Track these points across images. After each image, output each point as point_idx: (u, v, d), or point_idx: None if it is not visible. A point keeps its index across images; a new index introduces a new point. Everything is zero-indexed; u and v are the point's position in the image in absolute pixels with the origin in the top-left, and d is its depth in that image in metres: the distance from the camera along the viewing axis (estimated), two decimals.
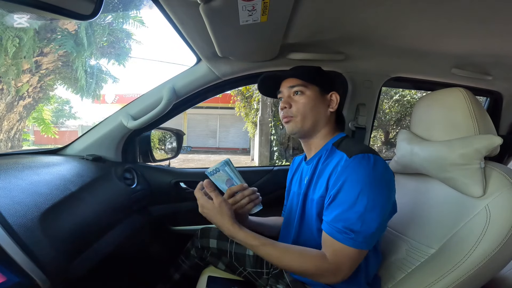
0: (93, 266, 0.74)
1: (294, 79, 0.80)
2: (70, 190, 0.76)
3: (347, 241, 0.62)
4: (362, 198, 0.61)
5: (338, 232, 0.62)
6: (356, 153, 0.66)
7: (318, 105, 0.79)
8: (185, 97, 1.13)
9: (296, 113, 0.78)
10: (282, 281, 0.85)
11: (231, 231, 0.69)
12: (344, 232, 0.62)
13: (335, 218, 0.64)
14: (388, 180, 0.67)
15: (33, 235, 0.57)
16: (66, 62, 6.43)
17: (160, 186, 1.24)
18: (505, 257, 0.65)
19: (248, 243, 0.68)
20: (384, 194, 0.64)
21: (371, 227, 0.61)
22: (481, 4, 0.69)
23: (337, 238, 0.62)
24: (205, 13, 0.66)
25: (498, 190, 0.66)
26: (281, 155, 6.29)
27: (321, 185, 0.72)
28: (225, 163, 0.76)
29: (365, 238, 0.61)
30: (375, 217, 0.61)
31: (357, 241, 0.61)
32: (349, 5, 0.74)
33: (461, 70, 1.15)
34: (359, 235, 0.61)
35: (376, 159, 0.66)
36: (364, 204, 0.61)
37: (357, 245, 0.61)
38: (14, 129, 6.35)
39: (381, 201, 0.63)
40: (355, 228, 0.61)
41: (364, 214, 0.61)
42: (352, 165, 0.65)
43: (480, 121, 0.73)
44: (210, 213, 0.72)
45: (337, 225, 0.63)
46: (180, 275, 1.06)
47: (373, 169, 0.64)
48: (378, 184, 0.64)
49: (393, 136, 7.12)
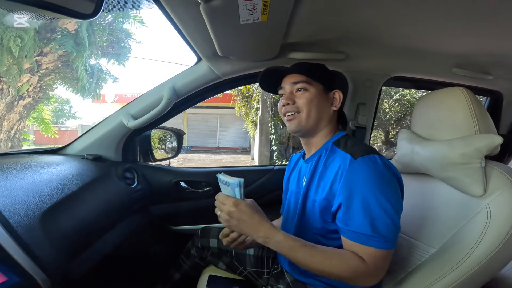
0: (93, 266, 0.74)
1: (298, 75, 0.77)
2: (70, 189, 0.76)
3: (379, 244, 0.61)
4: (379, 200, 0.62)
5: (367, 238, 0.62)
6: (361, 154, 0.66)
7: (321, 103, 0.77)
8: (185, 97, 1.13)
9: (301, 108, 0.75)
10: (282, 280, 0.85)
11: (269, 233, 0.62)
12: (373, 236, 0.61)
13: (361, 226, 0.62)
14: (398, 178, 0.68)
15: (34, 235, 0.57)
16: (66, 61, 6.43)
17: (160, 186, 1.24)
18: (505, 256, 0.65)
19: (286, 245, 0.62)
20: (396, 192, 0.65)
21: (392, 226, 0.62)
22: (482, 4, 0.69)
23: (369, 244, 0.62)
24: (206, 12, 0.66)
25: (498, 189, 0.66)
26: (281, 155, 6.29)
27: (324, 186, 0.71)
28: (239, 183, 0.65)
29: (389, 237, 0.62)
30: (394, 216, 0.62)
31: (385, 242, 0.61)
32: (349, 4, 0.73)
33: (461, 70, 1.15)
34: (383, 236, 0.61)
35: (382, 159, 0.66)
36: (384, 206, 0.61)
37: (386, 246, 0.62)
38: (14, 128, 6.35)
39: (396, 199, 0.64)
40: (380, 230, 0.61)
41: (384, 216, 0.61)
42: (361, 168, 0.65)
43: (481, 120, 0.73)
44: (246, 212, 0.63)
45: (367, 232, 0.62)
46: (180, 275, 1.06)
47: (383, 170, 0.64)
48: (389, 184, 0.64)
49: (393, 135, 7.13)
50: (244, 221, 0.63)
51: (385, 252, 0.62)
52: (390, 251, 0.63)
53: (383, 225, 0.61)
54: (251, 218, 0.63)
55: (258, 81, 0.87)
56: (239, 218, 0.63)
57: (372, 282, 0.64)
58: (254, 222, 0.63)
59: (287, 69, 0.81)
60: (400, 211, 0.65)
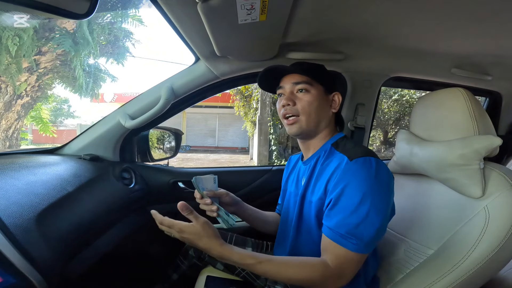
0: (90, 267, 0.74)
1: (299, 75, 0.76)
2: (67, 190, 0.75)
3: (350, 246, 0.61)
4: (365, 203, 0.61)
5: (341, 237, 0.62)
6: (357, 156, 0.65)
7: (322, 105, 0.76)
8: (184, 96, 1.12)
9: (301, 112, 0.74)
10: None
11: (222, 253, 0.64)
12: (348, 237, 0.61)
13: (337, 223, 0.63)
14: (389, 184, 0.66)
15: (30, 236, 0.57)
16: (65, 61, 6.41)
17: (158, 186, 1.24)
18: (504, 257, 0.65)
19: (243, 263, 0.64)
20: (385, 198, 0.64)
21: (373, 232, 0.61)
22: (481, 4, 0.68)
23: (340, 243, 0.62)
24: (203, 12, 0.65)
25: (497, 191, 0.66)
26: (280, 155, 6.29)
27: (319, 187, 0.71)
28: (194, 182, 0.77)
29: (367, 242, 0.61)
30: (376, 222, 0.61)
31: (360, 246, 0.61)
32: (348, 4, 0.73)
33: (460, 70, 1.15)
34: (361, 240, 0.61)
35: (378, 163, 0.65)
36: (367, 209, 0.61)
37: (360, 249, 0.61)
38: (12, 128, 6.33)
39: (383, 205, 0.63)
40: (358, 233, 0.61)
41: (367, 219, 0.61)
42: (354, 169, 0.64)
43: (480, 121, 0.72)
44: (192, 237, 0.65)
45: (340, 231, 0.62)
46: (178, 275, 1.05)
47: (376, 173, 0.63)
48: (380, 189, 0.63)
49: (391, 135, 7.13)
50: (195, 243, 0.65)
51: (356, 255, 0.62)
52: (363, 255, 0.63)
53: (362, 228, 0.61)
54: (199, 241, 0.65)
55: (257, 80, 0.85)
56: (188, 239, 0.66)
57: (338, 285, 0.64)
58: (203, 244, 0.65)
59: (287, 68, 0.78)
60: (386, 215, 0.64)
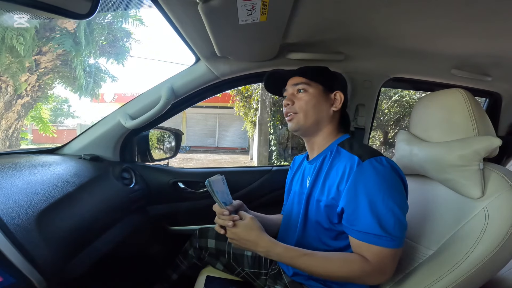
0: (90, 266, 0.74)
1: (298, 77, 0.81)
2: (67, 190, 0.75)
3: (386, 243, 0.63)
4: (388, 201, 0.63)
5: (375, 237, 0.63)
6: (369, 157, 0.68)
7: (320, 103, 0.79)
8: (184, 97, 1.12)
9: (298, 110, 0.79)
10: (280, 281, 0.85)
11: (269, 246, 0.67)
12: (380, 235, 0.63)
13: (368, 225, 0.64)
14: (403, 180, 0.70)
15: (30, 236, 0.57)
16: (65, 61, 6.42)
17: (158, 186, 1.24)
18: (503, 258, 0.65)
19: (287, 255, 0.67)
20: (402, 193, 0.68)
21: (401, 225, 0.64)
22: (481, 5, 0.69)
23: (376, 243, 0.63)
24: (204, 12, 0.65)
25: (497, 192, 0.66)
26: (280, 155, 6.29)
27: (329, 187, 0.72)
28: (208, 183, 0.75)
29: (398, 237, 0.63)
30: (401, 215, 0.64)
31: (395, 241, 0.63)
32: (349, 5, 0.73)
33: (460, 71, 1.15)
34: (392, 235, 0.63)
35: (389, 161, 0.68)
36: (391, 207, 0.63)
37: (396, 245, 0.63)
38: (12, 128, 6.33)
39: (402, 200, 0.66)
40: (390, 230, 0.63)
41: (393, 216, 0.63)
42: (369, 169, 0.66)
43: (480, 122, 0.72)
44: (245, 230, 0.69)
45: (373, 231, 0.63)
46: (178, 275, 1.06)
47: (390, 171, 0.67)
48: (397, 185, 0.67)
49: (391, 136, 7.14)
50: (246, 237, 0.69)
51: (392, 251, 0.63)
52: (398, 249, 0.64)
53: (390, 224, 0.63)
54: (251, 233, 0.69)
55: (264, 83, 0.91)
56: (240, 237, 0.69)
57: (380, 280, 0.66)
58: (254, 235, 0.68)
59: (289, 72, 0.84)
60: (405, 210, 0.67)
